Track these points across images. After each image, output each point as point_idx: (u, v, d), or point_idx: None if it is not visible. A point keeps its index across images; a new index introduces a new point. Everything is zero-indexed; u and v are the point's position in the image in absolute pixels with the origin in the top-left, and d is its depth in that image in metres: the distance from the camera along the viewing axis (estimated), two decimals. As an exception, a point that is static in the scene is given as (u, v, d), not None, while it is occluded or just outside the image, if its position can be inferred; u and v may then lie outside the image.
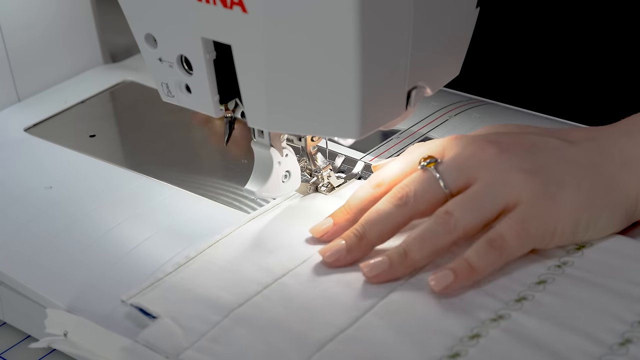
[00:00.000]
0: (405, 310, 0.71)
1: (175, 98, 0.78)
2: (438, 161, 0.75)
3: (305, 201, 0.83)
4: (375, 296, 0.72)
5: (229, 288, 0.73)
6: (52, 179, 0.91)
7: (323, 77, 0.70)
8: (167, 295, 0.74)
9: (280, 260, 0.76)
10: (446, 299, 0.71)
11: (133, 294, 0.74)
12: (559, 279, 0.72)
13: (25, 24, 1.03)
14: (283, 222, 0.81)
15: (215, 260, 0.77)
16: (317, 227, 0.78)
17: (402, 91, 0.74)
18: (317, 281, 0.74)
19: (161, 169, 0.91)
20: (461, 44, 0.78)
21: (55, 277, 0.81)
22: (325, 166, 0.84)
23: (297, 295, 0.73)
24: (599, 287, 0.71)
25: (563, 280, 0.72)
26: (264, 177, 0.81)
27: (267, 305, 0.72)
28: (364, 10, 0.67)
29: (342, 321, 0.70)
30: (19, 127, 1.00)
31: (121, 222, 0.85)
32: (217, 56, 0.74)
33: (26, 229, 0.86)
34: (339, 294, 0.72)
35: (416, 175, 0.75)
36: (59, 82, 1.07)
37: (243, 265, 0.76)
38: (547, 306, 0.70)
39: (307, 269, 0.75)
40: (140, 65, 1.07)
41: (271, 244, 0.78)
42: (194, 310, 0.72)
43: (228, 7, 0.70)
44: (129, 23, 0.77)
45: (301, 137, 0.83)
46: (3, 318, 0.86)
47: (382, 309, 0.71)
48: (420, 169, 0.75)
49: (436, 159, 0.75)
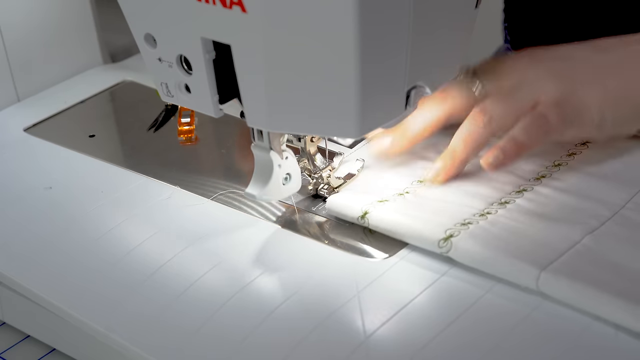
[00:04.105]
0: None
1: (174, 98, 0.78)
2: (476, 70, 0.85)
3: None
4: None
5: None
6: (52, 179, 0.91)
7: (322, 77, 0.70)
8: None
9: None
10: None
11: None
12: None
13: (25, 24, 1.03)
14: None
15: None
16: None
17: (401, 91, 0.74)
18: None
19: (161, 169, 0.91)
20: (461, 44, 0.78)
21: (55, 277, 0.81)
22: (324, 167, 0.84)
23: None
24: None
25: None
26: (264, 180, 0.81)
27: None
28: (363, 9, 0.67)
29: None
30: (18, 127, 1.00)
31: (121, 222, 0.85)
32: (217, 56, 0.74)
33: (26, 229, 0.86)
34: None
35: (457, 82, 0.84)
36: (59, 82, 1.07)
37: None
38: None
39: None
40: (140, 65, 1.07)
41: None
42: None
43: (227, 7, 0.70)
44: (128, 23, 0.77)
45: (301, 137, 0.83)
46: (3, 318, 0.86)
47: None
48: (462, 75, 0.84)
49: (475, 69, 0.85)
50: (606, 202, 0.79)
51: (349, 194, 0.83)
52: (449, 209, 0.80)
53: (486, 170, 0.82)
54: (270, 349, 0.72)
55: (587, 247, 0.75)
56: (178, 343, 0.74)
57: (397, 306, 0.73)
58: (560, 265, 0.73)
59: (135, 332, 0.75)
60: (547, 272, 0.72)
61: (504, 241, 0.76)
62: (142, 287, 0.78)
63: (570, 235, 0.76)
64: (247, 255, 0.80)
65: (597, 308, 0.70)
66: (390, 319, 0.73)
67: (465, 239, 0.76)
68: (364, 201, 0.81)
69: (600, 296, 0.70)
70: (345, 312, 0.74)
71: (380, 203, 0.81)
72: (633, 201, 0.79)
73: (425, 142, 0.87)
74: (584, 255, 0.74)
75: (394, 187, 0.83)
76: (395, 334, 0.72)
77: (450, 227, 0.77)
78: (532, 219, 0.78)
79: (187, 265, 0.79)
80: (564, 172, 0.83)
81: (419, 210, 0.80)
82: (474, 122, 0.81)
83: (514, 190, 0.82)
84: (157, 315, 0.76)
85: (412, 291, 0.75)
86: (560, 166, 0.84)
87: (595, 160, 0.84)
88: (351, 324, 0.73)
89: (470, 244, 0.76)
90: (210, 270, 0.78)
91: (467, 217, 0.79)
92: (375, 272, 0.77)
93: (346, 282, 0.76)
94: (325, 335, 0.72)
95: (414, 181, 0.84)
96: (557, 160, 0.85)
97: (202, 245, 0.81)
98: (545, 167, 0.84)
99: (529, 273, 0.73)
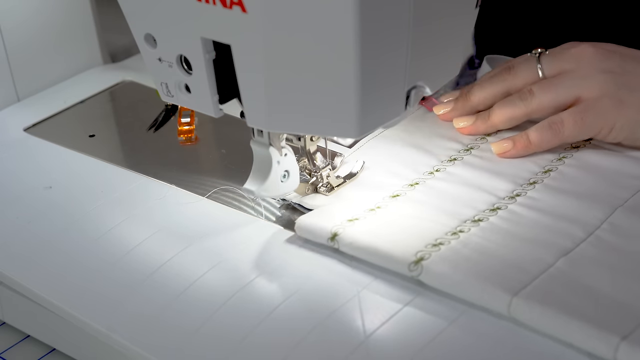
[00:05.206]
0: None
1: (174, 98, 0.78)
2: (544, 52, 0.88)
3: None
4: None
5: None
6: (52, 179, 0.91)
7: (322, 77, 0.70)
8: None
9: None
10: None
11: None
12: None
13: (25, 24, 1.03)
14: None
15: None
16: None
17: (401, 91, 0.74)
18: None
19: (161, 169, 0.91)
20: (461, 44, 0.78)
21: (55, 277, 0.81)
22: (324, 166, 0.84)
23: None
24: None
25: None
26: (262, 177, 0.81)
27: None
28: (363, 9, 0.67)
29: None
30: (18, 127, 1.00)
31: (121, 222, 0.85)
32: (217, 56, 0.74)
33: (26, 229, 0.86)
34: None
35: (524, 58, 0.89)
36: (59, 82, 1.07)
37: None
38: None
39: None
40: (140, 65, 1.07)
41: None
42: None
43: (227, 7, 0.70)
44: (128, 23, 0.77)
45: (300, 136, 0.83)
46: (3, 318, 0.86)
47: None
48: (529, 55, 0.89)
49: (545, 50, 0.88)
50: (581, 222, 0.77)
51: (318, 213, 0.81)
52: (421, 226, 0.78)
53: (495, 154, 0.86)
54: (270, 348, 0.72)
55: (561, 271, 0.73)
56: (178, 343, 0.74)
57: (397, 306, 0.73)
58: (533, 290, 0.71)
59: (135, 331, 0.75)
60: (519, 298, 0.70)
61: (476, 263, 0.74)
62: (142, 287, 0.78)
63: (544, 258, 0.74)
64: (247, 254, 0.80)
65: (569, 336, 0.68)
66: (390, 319, 0.73)
67: (436, 262, 0.74)
68: (333, 221, 0.79)
69: (572, 323, 0.68)
70: (345, 312, 0.74)
71: (350, 222, 0.79)
72: (608, 221, 0.77)
73: (396, 157, 0.87)
74: (557, 279, 0.72)
75: (364, 203, 0.82)
76: (395, 334, 0.72)
77: (421, 249, 0.75)
78: (505, 239, 0.76)
79: (187, 265, 0.79)
80: (539, 191, 0.82)
81: (390, 228, 0.78)
82: (519, 97, 0.87)
83: (488, 209, 0.80)
84: (157, 314, 0.76)
85: (412, 291, 0.75)
86: (535, 184, 0.83)
87: (571, 178, 0.83)
88: (351, 324, 0.73)
89: (441, 267, 0.73)
90: (210, 270, 0.78)
91: (439, 237, 0.76)
92: (375, 272, 0.77)
93: (346, 282, 0.76)
94: (325, 335, 0.72)
95: (385, 196, 0.83)
96: (533, 178, 0.84)
97: (201, 245, 0.81)
98: (520, 185, 0.83)
99: (501, 299, 0.71)
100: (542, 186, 0.82)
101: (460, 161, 0.86)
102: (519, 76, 0.88)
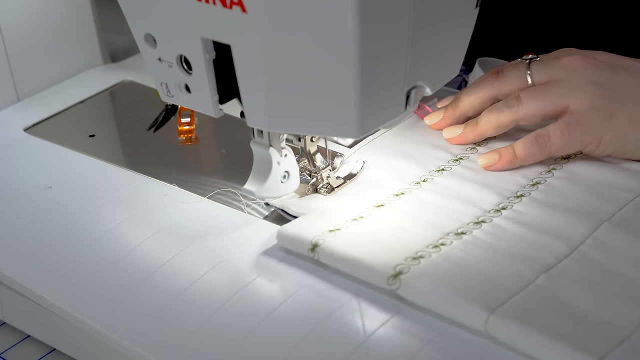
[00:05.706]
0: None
1: (174, 98, 0.78)
2: (535, 58, 0.87)
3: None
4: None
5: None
6: (52, 179, 0.91)
7: (322, 77, 0.70)
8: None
9: None
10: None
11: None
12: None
13: (25, 24, 1.03)
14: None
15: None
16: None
17: (401, 91, 0.74)
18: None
19: (161, 169, 0.91)
20: (461, 44, 0.78)
21: (55, 277, 0.81)
22: (324, 167, 0.84)
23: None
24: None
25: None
26: (262, 177, 0.81)
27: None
28: (363, 10, 0.67)
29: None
30: (18, 127, 1.00)
31: (121, 222, 0.85)
32: (217, 56, 0.74)
33: (26, 229, 0.86)
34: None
35: (514, 64, 0.88)
36: (59, 82, 1.07)
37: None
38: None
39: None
40: (140, 65, 1.08)
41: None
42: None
43: (228, 7, 0.70)
44: (128, 23, 0.77)
45: (300, 137, 0.83)
46: (3, 318, 0.86)
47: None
48: (520, 60, 0.88)
49: (536, 56, 0.87)
50: (565, 238, 0.76)
51: (300, 222, 0.80)
52: (402, 238, 0.77)
53: (482, 167, 0.85)
54: (270, 349, 0.72)
55: (541, 288, 0.72)
56: (178, 343, 0.74)
57: (397, 306, 0.73)
58: (511, 307, 0.70)
59: (135, 331, 0.75)
60: (496, 315, 0.69)
61: (455, 278, 0.73)
62: (142, 287, 0.78)
63: (524, 273, 0.73)
64: (247, 255, 0.80)
65: (546, 355, 0.67)
66: (390, 319, 0.73)
67: (415, 276, 0.73)
68: (314, 231, 0.78)
69: (549, 343, 0.67)
70: (345, 312, 0.74)
71: (331, 233, 0.78)
72: (593, 237, 0.76)
73: (383, 166, 0.86)
74: (536, 296, 0.71)
75: (347, 213, 0.81)
76: (395, 334, 0.72)
77: (401, 263, 0.74)
78: (487, 253, 0.75)
79: (187, 265, 0.79)
80: (525, 204, 0.81)
81: (370, 240, 0.77)
82: (506, 104, 0.86)
83: (473, 221, 0.79)
84: (157, 314, 0.76)
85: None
86: (522, 197, 0.82)
87: (558, 191, 0.82)
88: (351, 324, 0.73)
89: (419, 282, 0.72)
90: (210, 270, 0.78)
91: (420, 250, 0.75)
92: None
93: (346, 282, 0.76)
94: (325, 335, 0.72)
95: (369, 206, 0.82)
96: (520, 191, 0.83)
97: (202, 245, 0.81)
98: (507, 198, 0.82)
99: (478, 316, 0.70)
100: (528, 199, 0.82)
101: (449, 172, 0.86)
102: (507, 82, 0.87)
